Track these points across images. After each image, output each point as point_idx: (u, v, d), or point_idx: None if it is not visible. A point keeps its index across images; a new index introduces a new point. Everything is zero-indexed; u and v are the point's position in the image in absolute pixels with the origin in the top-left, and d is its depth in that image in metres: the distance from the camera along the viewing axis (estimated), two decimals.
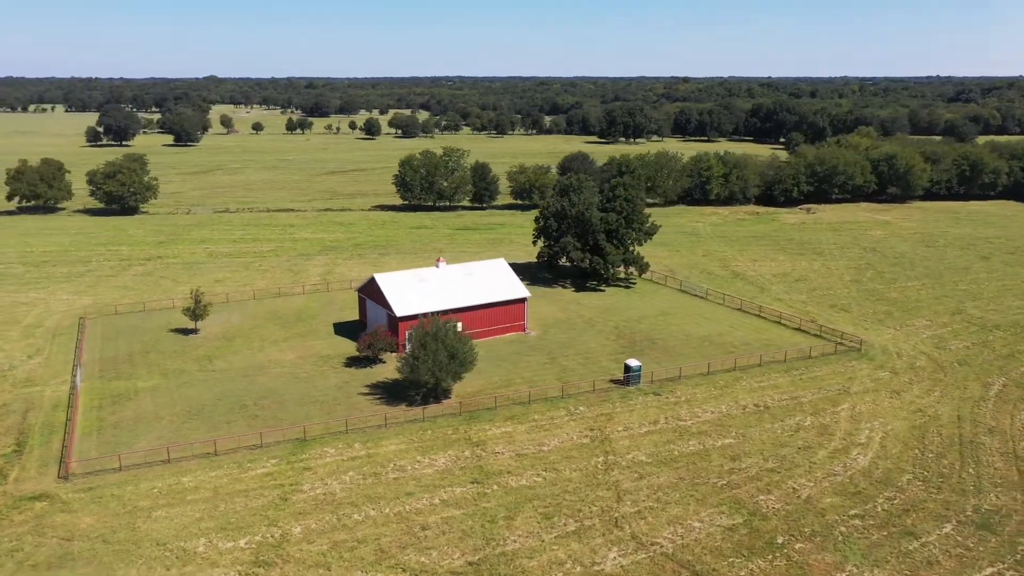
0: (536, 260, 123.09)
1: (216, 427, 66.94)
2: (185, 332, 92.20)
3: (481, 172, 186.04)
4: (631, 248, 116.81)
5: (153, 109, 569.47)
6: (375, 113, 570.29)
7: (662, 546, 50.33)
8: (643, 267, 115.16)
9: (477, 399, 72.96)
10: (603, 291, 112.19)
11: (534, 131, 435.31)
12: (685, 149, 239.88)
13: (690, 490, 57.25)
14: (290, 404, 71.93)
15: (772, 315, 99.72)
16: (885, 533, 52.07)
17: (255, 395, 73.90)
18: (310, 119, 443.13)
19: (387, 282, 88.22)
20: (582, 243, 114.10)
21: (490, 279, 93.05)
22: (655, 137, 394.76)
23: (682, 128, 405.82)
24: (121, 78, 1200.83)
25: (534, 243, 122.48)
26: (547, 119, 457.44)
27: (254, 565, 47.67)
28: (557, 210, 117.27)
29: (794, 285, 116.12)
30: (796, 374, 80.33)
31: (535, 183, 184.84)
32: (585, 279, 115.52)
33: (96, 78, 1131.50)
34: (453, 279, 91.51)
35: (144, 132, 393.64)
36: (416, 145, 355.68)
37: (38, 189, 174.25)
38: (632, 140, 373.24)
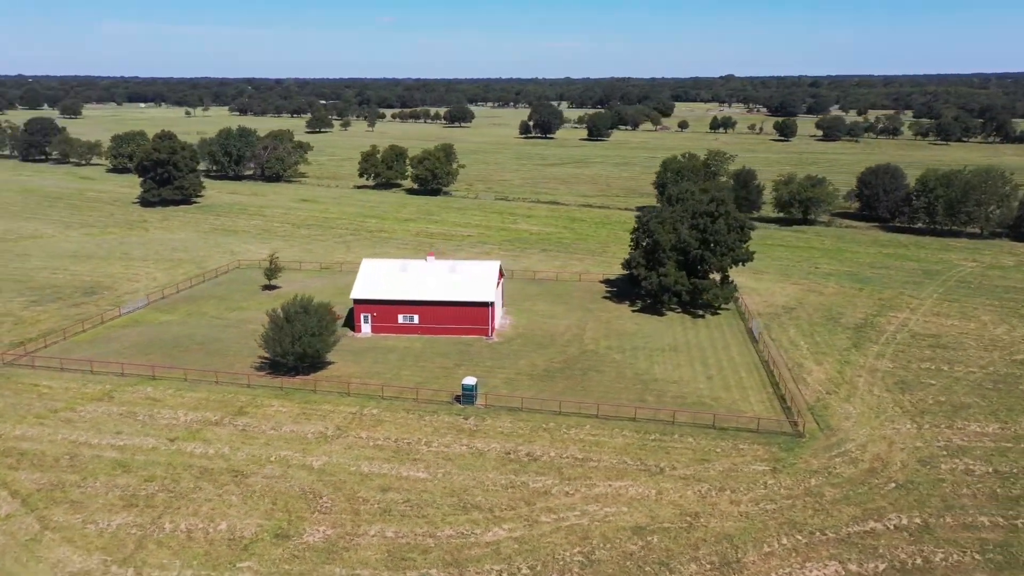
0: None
1: (131, 356, 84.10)
2: (265, 288, 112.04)
3: (743, 179, 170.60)
4: (726, 270, 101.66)
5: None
6: (851, 113, 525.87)
7: (185, 532, 51.73)
8: (720, 295, 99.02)
9: (327, 380, 77.26)
10: (661, 315, 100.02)
11: (997, 139, 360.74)
12: None
13: (292, 501, 55.55)
14: (203, 351, 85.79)
15: (782, 377, 78.93)
16: None
17: (198, 340, 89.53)
18: (735, 118, 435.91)
19: (366, 267, 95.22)
20: (648, 261, 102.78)
21: (466, 279, 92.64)
22: None
23: None
24: (653, 78, 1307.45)
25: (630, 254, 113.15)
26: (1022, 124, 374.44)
27: None
28: (646, 221, 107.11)
29: (910, 350, 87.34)
30: (645, 438, 65.55)
31: (798, 195, 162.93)
32: (662, 299, 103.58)
33: (620, 77, 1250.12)
34: (431, 274, 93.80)
35: (574, 126, 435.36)
36: (827, 148, 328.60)
37: (378, 169, 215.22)
38: None
